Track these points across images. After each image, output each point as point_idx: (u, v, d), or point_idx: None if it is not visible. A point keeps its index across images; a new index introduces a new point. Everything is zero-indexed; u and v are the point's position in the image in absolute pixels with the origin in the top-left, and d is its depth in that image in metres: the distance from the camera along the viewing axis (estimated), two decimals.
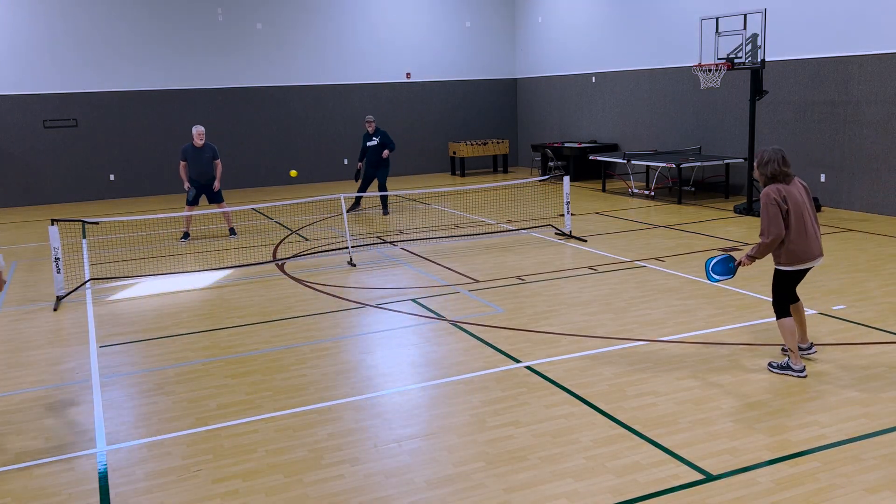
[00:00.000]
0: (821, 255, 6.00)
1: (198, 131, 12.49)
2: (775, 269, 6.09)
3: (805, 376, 5.98)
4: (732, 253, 6.62)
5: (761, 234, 5.90)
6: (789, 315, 6.04)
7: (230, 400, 5.93)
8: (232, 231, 12.82)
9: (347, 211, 13.98)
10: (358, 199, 14.96)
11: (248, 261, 10.84)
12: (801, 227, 5.87)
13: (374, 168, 14.52)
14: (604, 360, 6.50)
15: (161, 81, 18.54)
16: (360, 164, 14.66)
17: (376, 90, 20.60)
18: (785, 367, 6.05)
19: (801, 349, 6.33)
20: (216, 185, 12.51)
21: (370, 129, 14.52)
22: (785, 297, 6.06)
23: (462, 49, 21.40)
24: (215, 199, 12.65)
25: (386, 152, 14.47)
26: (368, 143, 14.53)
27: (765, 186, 5.95)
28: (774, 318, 7.39)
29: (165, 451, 5.13)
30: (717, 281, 6.39)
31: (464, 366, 6.46)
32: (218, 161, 12.62)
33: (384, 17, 20.43)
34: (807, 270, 6.05)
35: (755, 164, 6.04)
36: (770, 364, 6.15)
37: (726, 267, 6.34)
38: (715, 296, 8.27)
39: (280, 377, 6.38)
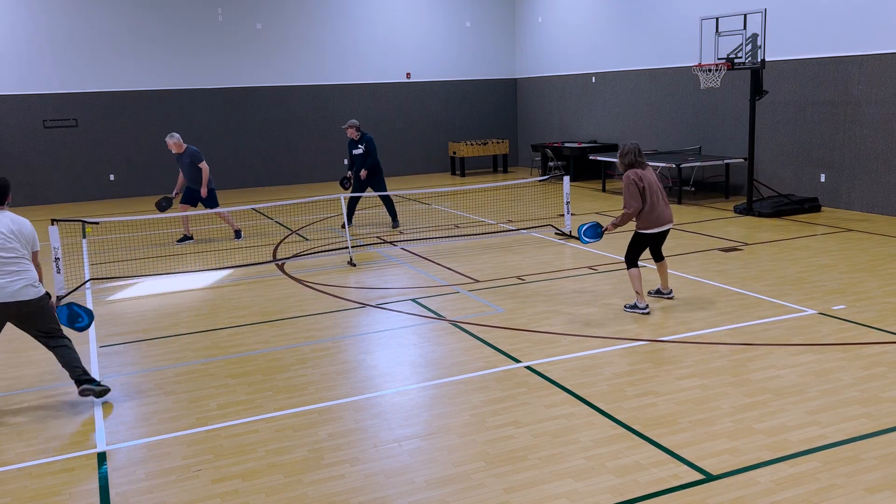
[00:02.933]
0: (670, 222, 7.78)
1: (170, 142, 11.87)
2: (635, 232, 7.77)
3: (648, 313, 7.65)
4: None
5: (624, 207, 7.63)
6: (637, 266, 7.76)
7: (230, 400, 5.93)
8: (237, 234, 12.57)
9: (341, 227, 12.99)
10: (349, 216, 12.79)
11: (248, 261, 10.85)
12: (654, 201, 7.63)
13: (362, 179, 12.64)
14: (604, 360, 6.51)
15: (161, 81, 18.55)
16: (349, 172, 12.81)
17: (376, 90, 20.60)
18: (633, 307, 7.76)
19: (662, 294, 8.21)
20: (202, 190, 11.95)
21: (353, 136, 12.65)
22: (636, 254, 7.80)
23: (462, 49, 21.40)
24: (206, 203, 12.12)
25: (363, 172, 12.51)
26: (354, 152, 12.68)
27: (624, 172, 7.69)
28: (773, 318, 7.43)
29: (165, 451, 5.13)
30: (588, 243, 8.17)
31: (464, 366, 6.46)
32: (201, 164, 11.92)
33: (384, 17, 20.43)
34: (662, 233, 7.79)
35: (618, 154, 7.74)
36: (625, 306, 7.85)
37: (595, 232, 8.09)
38: (715, 296, 8.27)
39: (280, 377, 6.38)
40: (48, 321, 5.91)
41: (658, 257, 8.11)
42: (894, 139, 12.33)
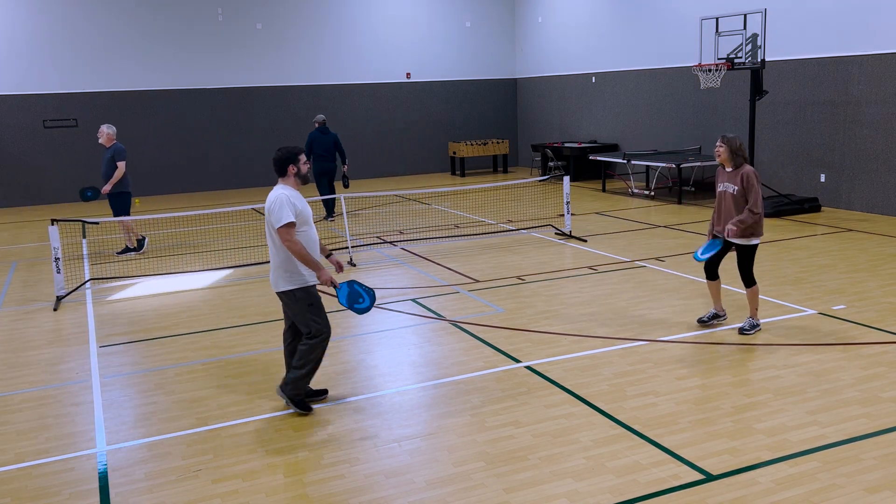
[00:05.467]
0: None
1: (106, 131, 11.27)
2: (751, 246, 6.79)
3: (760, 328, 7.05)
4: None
5: (753, 207, 6.61)
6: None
7: (230, 400, 5.93)
8: (140, 243, 11.61)
9: (332, 218, 14.17)
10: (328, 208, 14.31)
11: (248, 261, 10.84)
12: None
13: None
14: (604, 360, 6.50)
15: (161, 81, 18.55)
16: (345, 167, 14.23)
17: (376, 90, 20.60)
18: (754, 326, 6.98)
19: (717, 316, 7.27)
20: (105, 187, 11.12)
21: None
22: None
23: (462, 49, 21.40)
24: (114, 207, 11.30)
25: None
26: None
27: (737, 167, 6.77)
28: (773, 318, 7.42)
29: (165, 451, 5.13)
30: (704, 258, 6.92)
31: (464, 366, 6.46)
32: (118, 163, 11.07)
33: (384, 17, 20.43)
34: None
35: (728, 149, 6.74)
36: (742, 329, 6.97)
37: (713, 245, 6.93)
38: None
39: (280, 377, 6.37)
40: (299, 318, 5.58)
41: (715, 275, 7.16)
42: (894, 139, 12.33)
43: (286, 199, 5.34)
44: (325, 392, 5.92)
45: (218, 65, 18.97)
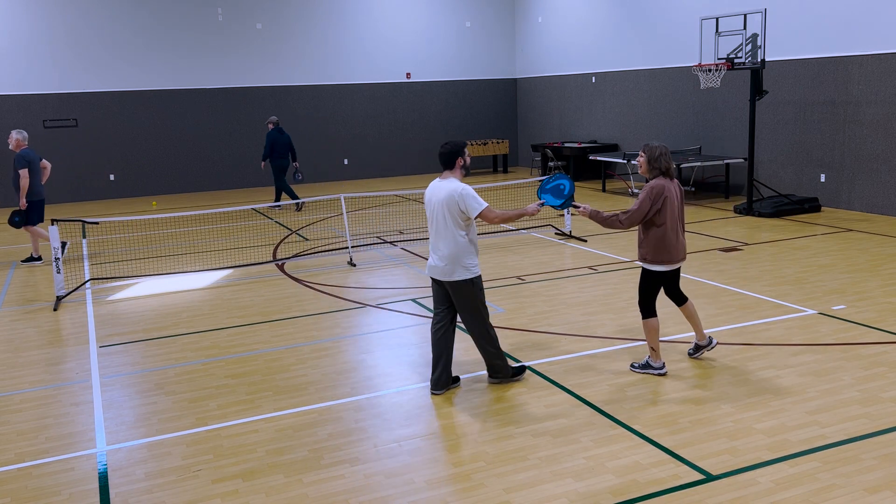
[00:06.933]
0: (683, 258, 6.04)
1: (16, 136, 10.84)
2: (643, 270, 6.05)
3: (665, 373, 6.08)
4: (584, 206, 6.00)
5: (625, 214, 5.85)
6: (655, 315, 6.04)
7: (230, 400, 5.93)
8: (35, 258, 11.19)
9: (298, 210, 15.31)
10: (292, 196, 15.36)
11: (248, 261, 10.85)
12: (674, 228, 5.91)
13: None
14: (604, 360, 6.50)
15: (161, 81, 18.55)
16: (295, 163, 15.64)
17: (376, 90, 20.61)
18: (645, 366, 6.14)
19: (699, 347, 6.40)
20: (20, 201, 10.70)
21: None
22: (651, 297, 6.04)
23: (462, 49, 21.40)
24: (27, 217, 10.85)
25: (263, 164, 15.90)
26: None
27: (652, 179, 5.92)
28: (773, 318, 7.42)
29: (165, 451, 5.13)
30: (544, 200, 6.04)
31: (464, 366, 6.46)
32: (21, 171, 10.56)
33: (384, 17, 20.43)
34: (675, 272, 6.12)
35: (646, 158, 5.91)
36: (632, 365, 6.23)
37: (561, 194, 6.04)
38: (715, 296, 8.27)
39: (280, 377, 6.38)
40: (469, 306, 5.80)
41: (680, 299, 6.26)
42: (894, 139, 12.33)
43: (470, 189, 5.66)
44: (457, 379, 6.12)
45: (218, 65, 18.97)
